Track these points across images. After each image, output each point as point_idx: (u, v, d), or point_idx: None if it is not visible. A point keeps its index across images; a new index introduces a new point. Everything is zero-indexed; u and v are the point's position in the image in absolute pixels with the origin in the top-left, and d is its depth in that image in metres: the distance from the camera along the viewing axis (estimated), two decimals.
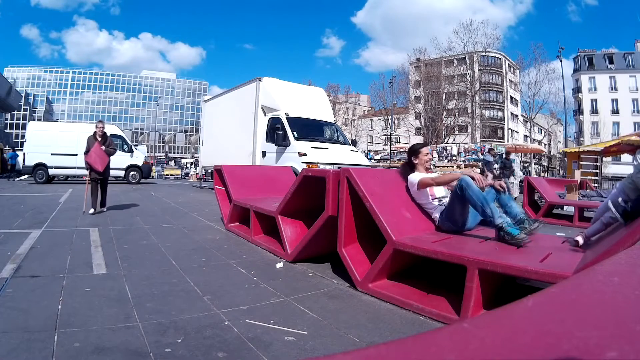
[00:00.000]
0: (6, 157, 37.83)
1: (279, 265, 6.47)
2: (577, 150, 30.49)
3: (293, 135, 16.97)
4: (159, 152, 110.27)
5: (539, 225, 5.42)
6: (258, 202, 8.45)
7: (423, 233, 5.45)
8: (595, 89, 76.18)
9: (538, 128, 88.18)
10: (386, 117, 71.56)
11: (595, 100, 75.98)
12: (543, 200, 14.86)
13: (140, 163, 29.27)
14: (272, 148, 17.59)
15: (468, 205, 5.57)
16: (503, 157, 23.81)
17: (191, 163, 67.00)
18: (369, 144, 54.16)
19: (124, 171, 28.39)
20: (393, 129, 63.92)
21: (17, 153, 35.39)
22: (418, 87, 73.43)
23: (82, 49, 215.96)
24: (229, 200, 9.75)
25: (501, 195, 5.74)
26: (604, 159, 27.79)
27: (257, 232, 8.30)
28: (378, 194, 5.37)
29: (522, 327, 1.00)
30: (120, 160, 26.95)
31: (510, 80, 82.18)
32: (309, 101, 19.53)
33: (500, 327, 1.01)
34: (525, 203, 14.95)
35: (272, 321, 4.07)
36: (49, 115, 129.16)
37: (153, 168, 44.91)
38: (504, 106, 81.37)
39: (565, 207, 15.60)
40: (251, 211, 8.31)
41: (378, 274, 5.12)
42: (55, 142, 25.64)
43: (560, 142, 76.25)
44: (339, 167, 7.43)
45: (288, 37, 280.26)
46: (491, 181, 6.02)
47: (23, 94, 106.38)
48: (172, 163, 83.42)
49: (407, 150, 7.05)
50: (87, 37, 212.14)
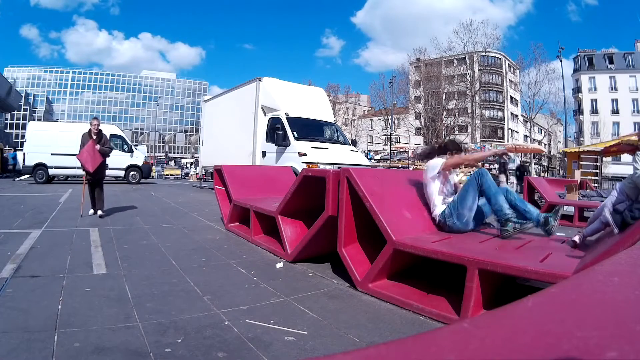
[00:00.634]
0: (7, 157, 37.86)
1: (279, 265, 6.47)
2: (577, 150, 30.51)
3: (293, 135, 16.96)
4: (159, 152, 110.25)
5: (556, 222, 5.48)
6: (258, 202, 8.45)
7: (423, 233, 5.45)
8: (595, 89, 76.15)
9: (538, 128, 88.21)
10: (386, 117, 71.62)
11: (595, 100, 75.96)
12: (543, 200, 14.87)
13: (140, 163, 29.28)
14: (272, 148, 17.58)
15: (478, 198, 5.62)
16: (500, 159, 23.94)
17: (191, 163, 66.95)
18: (369, 144, 54.14)
19: (124, 171, 28.42)
20: (393, 129, 64.01)
21: (16, 153, 35.49)
22: (418, 87, 73.61)
23: (82, 49, 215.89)
24: (229, 200, 9.75)
25: (516, 200, 5.76)
26: (604, 159, 27.78)
27: (257, 232, 8.30)
28: (378, 194, 5.36)
29: (522, 327, 1.00)
30: (120, 160, 27.12)
31: (510, 80, 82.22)
32: (309, 101, 19.53)
33: (500, 327, 1.01)
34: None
35: (272, 321, 4.07)
36: (49, 115, 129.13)
37: (153, 168, 44.89)
38: (504, 106, 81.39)
39: (565, 207, 15.60)
40: (251, 211, 8.31)
41: (378, 274, 5.12)
42: (55, 142, 25.54)
43: (560, 142, 76.27)
44: (339, 167, 7.43)
45: (288, 37, 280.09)
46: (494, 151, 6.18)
47: (23, 94, 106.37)
48: (172, 163, 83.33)
49: (449, 140, 6.99)
50: (87, 37, 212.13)
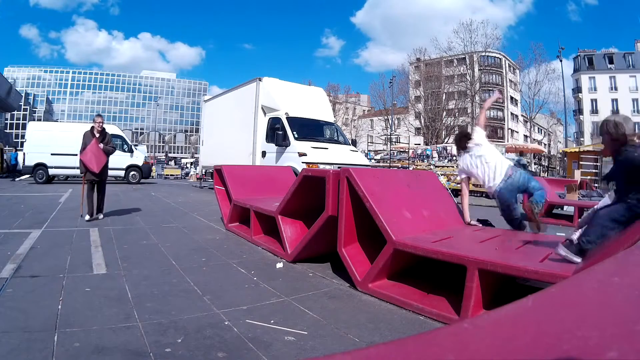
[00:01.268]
0: (7, 157, 37.85)
1: (279, 265, 6.49)
2: (577, 150, 30.51)
3: (293, 135, 16.97)
4: (159, 152, 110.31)
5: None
6: (258, 202, 8.47)
7: (423, 233, 5.43)
8: (595, 89, 76.05)
9: (538, 128, 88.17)
10: (386, 117, 71.55)
11: (595, 100, 75.86)
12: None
13: (140, 163, 29.34)
14: (272, 148, 17.58)
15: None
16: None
17: (191, 163, 67.01)
18: (369, 144, 53.99)
19: (124, 171, 28.47)
20: (393, 129, 63.90)
21: (17, 153, 35.49)
22: (418, 87, 73.46)
23: (82, 49, 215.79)
24: (229, 200, 9.76)
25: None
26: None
27: (257, 232, 8.31)
28: (378, 194, 5.36)
29: (522, 327, 1.00)
30: (120, 160, 27.14)
31: (510, 80, 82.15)
32: (309, 101, 19.54)
33: (500, 327, 1.01)
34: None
35: (272, 321, 4.07)
36: (49, 115, 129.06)
37: (153, 168, 44.88)
38: (504, 106, 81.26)
39: (565, 207, 15.59)
40: (251, 211, 8.33)
41: (378, 274, 5.12)
42: (55, 142, 25.59)
43: (560, 142, 76.26)
44: (339, 167, 7.43)
45: (287, 37, 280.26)
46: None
47: (23, 94, 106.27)
48: (172, 163, 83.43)
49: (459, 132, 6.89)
50: (87, 37, 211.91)
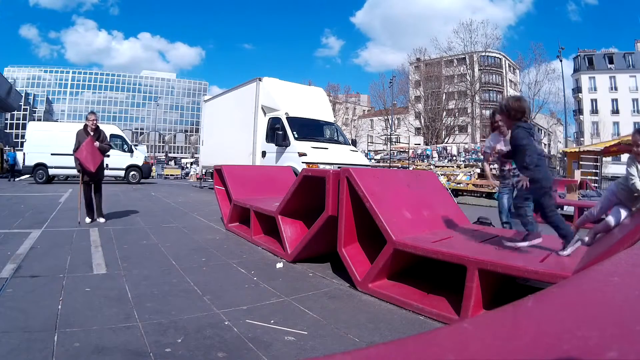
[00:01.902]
0: (6, 158, 37.84)
1: (279, 265, 6.49)
2: (577, 150, 30.49)
3: (293, 135, 16.98)
4: (159, 152, 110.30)
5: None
6: (258, 202, 8.47)
7: (423, 233, 5.43)
8: (595, 89, 76.06)
9: (538, 128, 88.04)
10: (386, 117, 71.54)
11: (595, 100, 75.87)
12: None
13: (140, 163, 29.39)
14: (272, 148, 17.60)
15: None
16: None
17: (191, 163, 66.93)
18: (369, 144, 53.88)
19: (124, 171, 28.51)
20: (393, 129, 63.92)
21: (15, 153, 35.47)
22: (418, 87, 73.47)
23: (82, 49, 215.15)
24: (229, 200, 9.77)
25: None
26: (604, 159, 27.79)
27: (257, 232, 8.31)
28: (378, 194, 5.36)
29: (523, 327, 1.00)
30: (120, 160, 27.32)
31: (510, 80, 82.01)
32: (309, 101, 19.56)
33: (500, 327, 1.01)
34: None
35: (272, 321, 4.07)
36: (49, 115, 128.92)
37: (153, 168, 44.90)
38: None
39: (565, 207, 15.59)
40: (251, 211, 8.33)
41: (378, 274, 5.12)
42: (55, 142, 25.49)
43: (560, 142, 76.18)
44: (339, 167, 7.43)
45: (287, 37, 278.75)
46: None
47: (23, 94, 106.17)
48: (172, 163, 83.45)
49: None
50: (87, 37, 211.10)
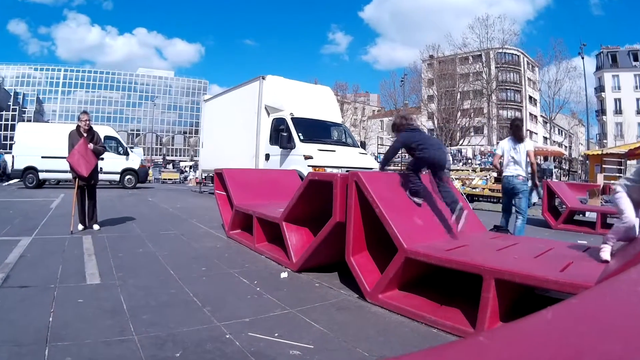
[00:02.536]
0: None
1: (284, 274, 6.52)
2: (600, 152, 30.41)
3: (298, 136, 16.93)
4: (156, 155, 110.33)
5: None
6: (261, 208, 8.47)
7: (436, 240, 5.42)
8: (618, 88, 75.69)
9: (558, 129, 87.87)
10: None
11: (619, 99, 75.51)
12: (564, 206, 14.83)
13: (136, 166, 29.27)
14: (276, 150, 17.53)
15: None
16: None
17: (190, 166, 66.98)
18: (379, 146, 53.96)
19: (119, 175, 28.41)
20: None
21: (3, 155, 35.53)
22: (431, 86, 73.13)
23: (73, 46, 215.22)
24: (231, 206, 9.77)
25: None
26: (629, 162, 27.63)
27: (261, 240, 8.33)
28: (388, 199, 5.37)
29: (542, 341, 1.00)
30: (115, 163, 27.20)
31: (528, 78, 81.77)
32: (316, 101, 19.51)
33: (518, 341, 1.01)
34: (544, 209, 14.89)
35: (276, 334, 4.08)
36: (40, 115, 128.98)
37: (150, 172, 44.88)
38: (522, 106, 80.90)
39: (587, 214, 15.56)
40: (254, 217, 8.35)
41: (389, 284, 5.12)
42: (46, 144, 25.30)
43: (581, 144, 76.17)
44: (347, 171, 7.43)
45: (292, 33, 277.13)
46: None
47: (12, 93, 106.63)
48: (170, 166, 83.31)
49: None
50: (79, 33, 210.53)
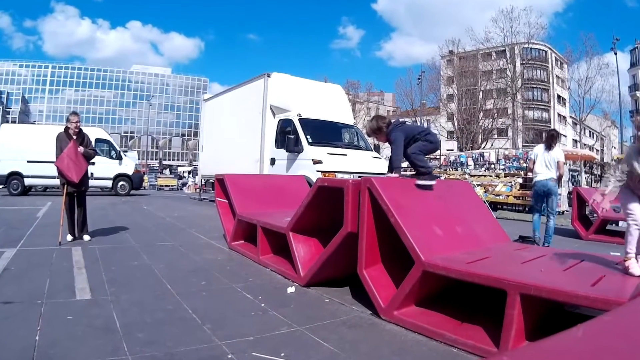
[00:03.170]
0: None
1: (291, 289, 6.51)
2: None
3: (306, 139, 16.81)
4: (152, 159, 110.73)
5: None
6: (266, 217, 8.45)
7: (457, 252, 5.41)
8: None
9: (589, 131, 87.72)
10: (414, 119, 71.34)
11: None
12: (595, 215, 14.75)
13: (130, 172, 29.23)
14: (283, 154, 17.43)
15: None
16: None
17: (189, 172, 67.14)
18: None
19: (112, 181, 28.36)
20: None
21: None
22: (451, 84, 73.07)
23: (62, 40, 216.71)
24: (233, 214, 9.78)
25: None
26: None
27: (265, 252, 8.33)
28: (405, 207, 5.36)
29: None
30: (107, 168, 27.11)
31: (557, 76, 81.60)
32: (325, 100, 19.40)
33: None
34: (574, 218, 14.86)
35: (283, 354, 4.08)
36: (25, 116, 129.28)
37: (145, 177, 45.05)
38: (550, 106, 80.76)
39: (620, 223, 15.49)
40: (258, 227, 8.34)
41: (405, 300, 5.11)
42: (32, 148, 25.01)
43: (614, 148, 75.83)
44: (360, 177, 7.43)
45: (299, 26, 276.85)
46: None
47: None
48: (167, 172, 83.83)
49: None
50: (67, 27, 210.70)
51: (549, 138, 11.71)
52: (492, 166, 29.38)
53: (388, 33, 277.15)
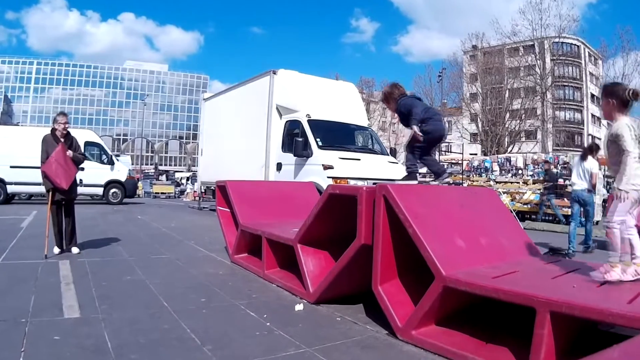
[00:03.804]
0: None
1: (299, 307, 6.50)
2: None
3: (316, 142, 16.79)
4: (147, 164, 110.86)
5: None
6: (272, 228, 8.47)
7: (481, 266, 5.40)
8: None
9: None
10: None
11: None
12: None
13: (122, 178, 29.22)
14: (290, 159, 17.41)
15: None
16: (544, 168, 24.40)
17: (187, 178, 67.28)
18: None
19: (103, 188, 28.31)
20: None
21: None
22: (474, 82, 72.48)
23: (48, 34, 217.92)
24: (236, 225, 9.79)
25: None
26: None
27: (271, 266, 8.33)
28: (424, 217, 5.36)
29: None
30: (98, 174, 27.13)
31: (590, 73, 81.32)
32: (337, 100, 19.37)
33: None
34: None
35: None
36: (8, 117, 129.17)
37: (139, 184, 45.13)
38: (583, 106, 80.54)
39: None
40: (263, 239, 8.34)
41: (424, 318, 5.10)
42: (15, 152, 24.99)
43: None
44: (375, 183, 7.45)
45: (307, 19, 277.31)
46: None
47: None
48: (164, 178, 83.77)
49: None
50: (54, 19, 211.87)
51: (587, 149, 12.42)
52: (520, 172, 29.31)
53: (405, 26, 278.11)
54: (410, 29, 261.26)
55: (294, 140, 17.06)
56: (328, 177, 15.28)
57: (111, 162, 28.80)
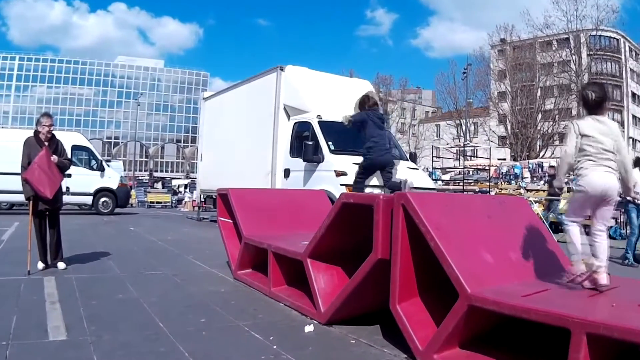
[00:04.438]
0: None
1: (309, 328, 6.47)
2: None
3: (328, 146, 16.70)
4: (141, 171, 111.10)
5: None
6: (279, 241, 8.44)
7: (510, 283, 5.37)
8: None
9: None
10: (458, 122, 71.17)
11: None
12: None
13: (114, 186, 29.14)
14: (299, 164, 17.34)
15: None
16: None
17: (185, 186, 67.43)
18: (435, 159, 53.77)
19: (92, 197, 28.24)
20: (468, 138, 63.50)
21: None
22: (503, 80, 72.45)
23: (31, 26, 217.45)
24: (239, 237, 9.78)
25: None
26: None
27: (278, 283, 8.30)
28: (447, 229, 5.34)
29: None
30: (86, 181, 27.08)
31: (631, 69, 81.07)
32: (351, 99, 18.62)
33: None
34: None
35: None
36: None
37: (132, 193, 45.24)
38: (623, 106, 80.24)
39: None
40: (269, 253, 8.30)
41: (447, 341, 5.08)
42: None
43: None
44: (393, 192, 7.45)
45: (318, 9, 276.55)
46: None
47: None
48: (159, 186, 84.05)
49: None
50: (38, 10, 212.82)
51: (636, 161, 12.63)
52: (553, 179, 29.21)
53: (425, 17, 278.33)
54: (431, 21, 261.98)
55: (304, 143, 16.95)
56: (341, 185, 15.12)
57: (101, 168, 28.77)
